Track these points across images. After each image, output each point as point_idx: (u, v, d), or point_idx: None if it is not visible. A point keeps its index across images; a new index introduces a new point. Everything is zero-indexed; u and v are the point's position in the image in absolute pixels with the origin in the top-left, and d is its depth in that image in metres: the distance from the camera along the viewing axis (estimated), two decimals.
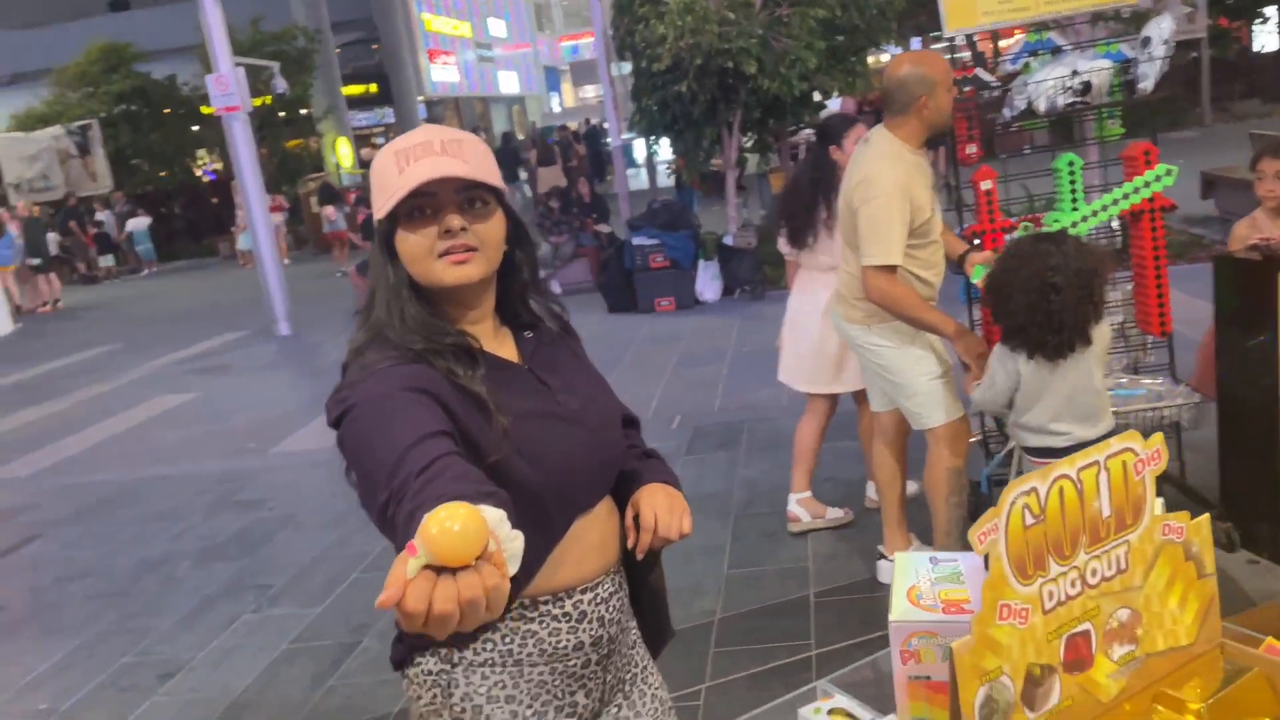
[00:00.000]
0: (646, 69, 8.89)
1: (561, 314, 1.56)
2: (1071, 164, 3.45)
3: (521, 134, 27.73)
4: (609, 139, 12.34)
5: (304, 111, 20.61)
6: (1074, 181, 3.47)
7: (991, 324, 3.45)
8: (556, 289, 10.39)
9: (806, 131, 12.43)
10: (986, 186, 3.56)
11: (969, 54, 3.97)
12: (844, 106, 10.64)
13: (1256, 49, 21.40)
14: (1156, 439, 0.93)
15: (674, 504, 1.45)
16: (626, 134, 11.46)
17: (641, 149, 16.45)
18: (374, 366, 1.32)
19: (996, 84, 3.67)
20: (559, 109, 34.81)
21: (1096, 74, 3.39)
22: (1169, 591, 0.96)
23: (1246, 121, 15.21)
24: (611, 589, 1.47)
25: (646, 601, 1.59)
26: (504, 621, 1.39)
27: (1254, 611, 1.87)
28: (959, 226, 3.81)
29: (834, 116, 4.39)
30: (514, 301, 1.48)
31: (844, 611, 3.43)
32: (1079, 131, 4.45)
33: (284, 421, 6.92)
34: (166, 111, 20.17)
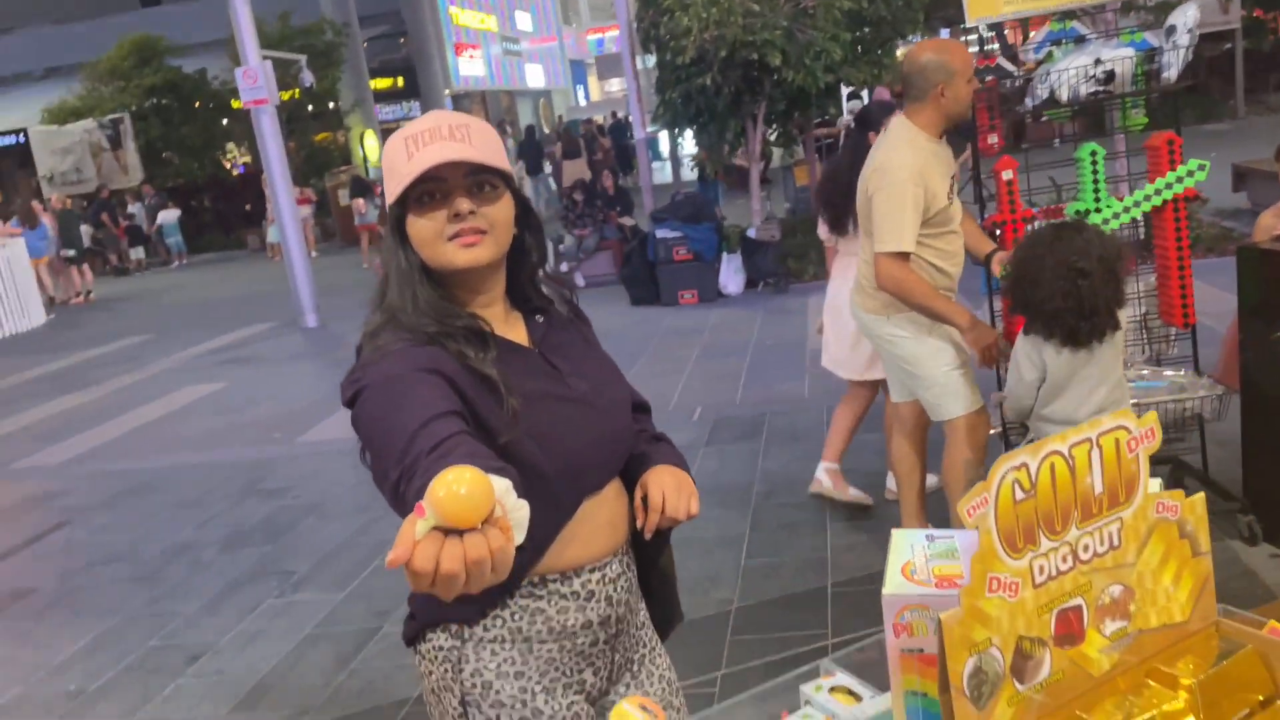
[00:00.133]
0: (671, 61, 8.87)
1: (571, 298, 1.58)
2: (1094, 154, 3.42)
3: (547, 127, 27.78)
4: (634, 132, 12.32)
5: (332, 105, 20.76)
6: (1096, 171, 3.45)
7: (1011, 316, 3.44)
8: (580, 282, 10.42)
9: (846, 118, 12.37)
10: (1008, 176, 3.54)
11: (998, 44, 3.95)
12: (878, 95, 10.58)
13: None
14: (1150, 417, 0.93)
15: (682, 485, 1.46)
16: (651, 127, 11.45)
17: (666, 142, 16.43)
18: (387, 348, 1.35)
19: (1018, 73, 3.65)
20: (585, 102, 34.82)
21: (1119, 63, 3.37)
22: (1163, 569, 0.97)
23: None
24: (620, 569, 1.49)
25: (655, 584, 1.61)
26: (513, 599, 1.41)
27: (1275, 605, 1.86)
28: (981, 217, 3.79)
29: (873, 103, 4.41)
30: (524, 285, 1.50)
31: (861, 602, 3.44)
32: (1110, 122, 4.42)
33: (309, 412, 7.00)
34: (197, 105, 20.37)
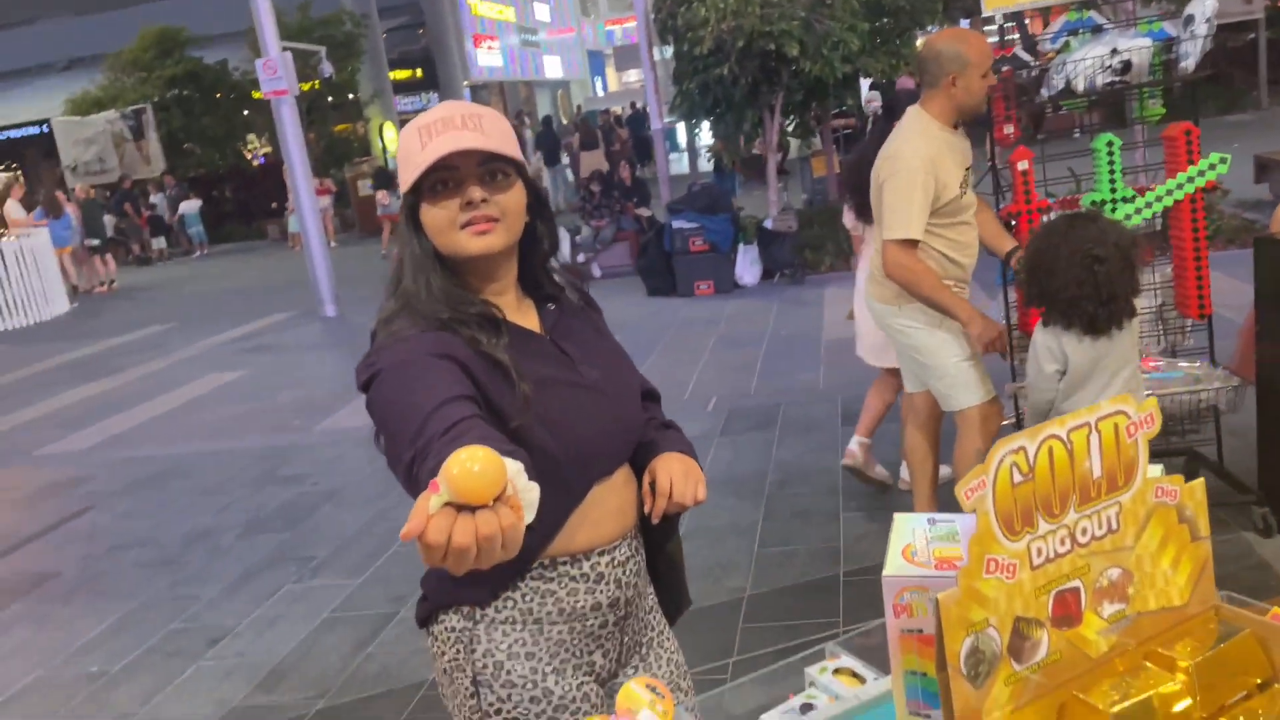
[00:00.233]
0: (688, 52, 8.87)
1: (583, 287, 1.60)
2: (1110, 144, 3.41)
3: (565, 118, 27.77)
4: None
5: (351, 96, 20.83)
6: (1113, 162, 3.44)
7: (1025, 308, 3.43)
8: (596, 273, 10.44)
9: (875, 104, 12.31)
10: (1023, 167, 3.53)
11: (1019, 34, 3.94)
12: (901, 84, 10.52)
13: None
14: (1150, 403, 0.95)
15: (689, 472, 1.48)
16: (668, 118, 11.44)
17: (683, 133, 16.40)
18: (402, 334, 1.38)
19: (1034, 63, 3.64)
20: (602, 93, 34.79)
21: (1137, 53, 3.35)
22: (1161, 553, 0.98)
23: None
24: (628, 553, 1.51)
25: (664, 570, 1.63)
26: (524, 581, 1.44)
27: None
28: (997, 208, 3.78)
29: (901, 92, 4.41)
30: (536, 272, 1.52)
31: (872, 591, 3.40)
32: (1129, 112, 4.39)
33: (328, 400, 7.06)
34: (217, 96, 20.49)
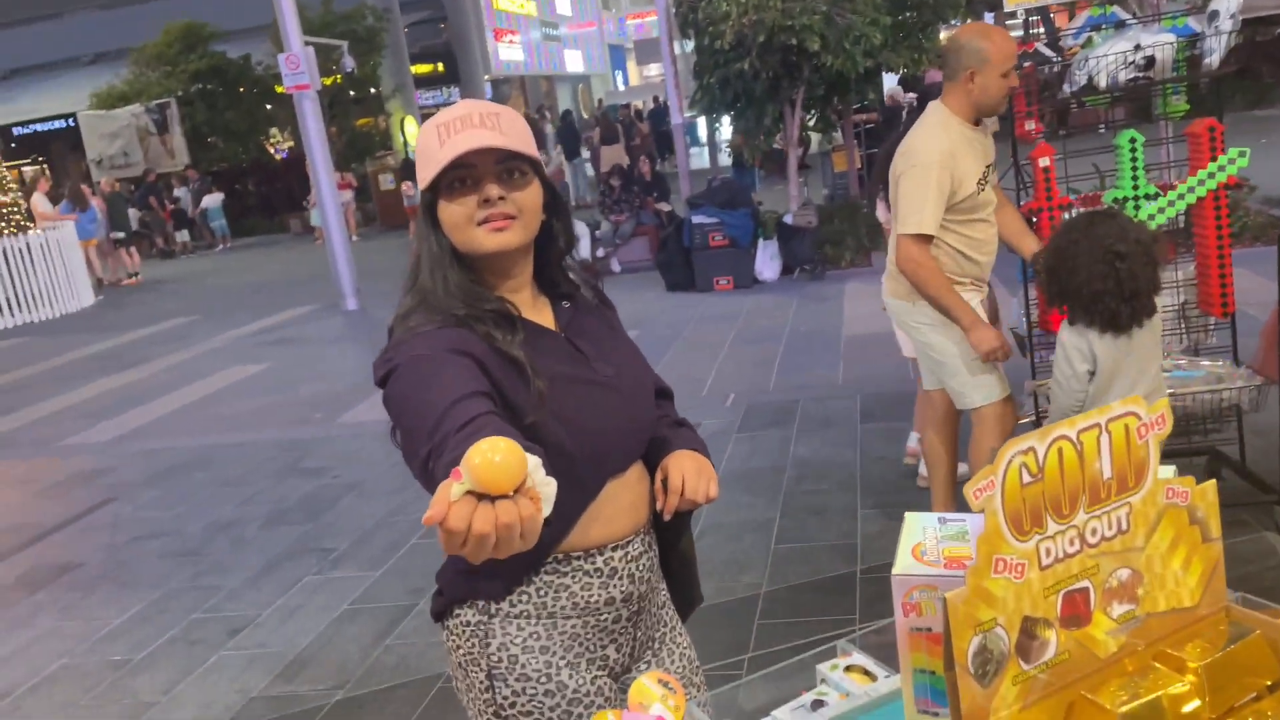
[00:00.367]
0: (709, 46, 8.84)
1: (598, 285, 1.61)
2: (1133, 140, 3.39)
3: (586, 113, 27.78)
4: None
5: (373, 90, 20.92)
6: (1135, 159, 3.41)
7: (1047, 306, 3.41)
8: (616, 267, 10.45)
9: (905, 97, 12.27)
10: (1045, 164, 3.51)
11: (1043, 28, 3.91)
12: (930, 77, 10.48)
13: None
14: (1161, 404, 0.95)
15: (702, 469, 1.50)
16: (688, 112, 11.43)
17: (704, 128, 16.36)
18: (418, 329, 1.39)
19: (1056, 59, 3.61)
20: (623, 87, 34.77)
21: (1160, 49, 3.32)
22: (1172, 554, 0.98)
23: None
24: (641, 549, 1.52)
25: (676, 566, 1.64)
26: (538, 575, 1.45)
27: None
28: (1018, 204, 3.76)
29: (934, 85, 4.41)
30: (552, 270, 1.54)
31: (890, 589, 3.44)
32: (1154, 108, 4.34)
33: (349, 393, 7.11)
34: (241, 90, 20.64)
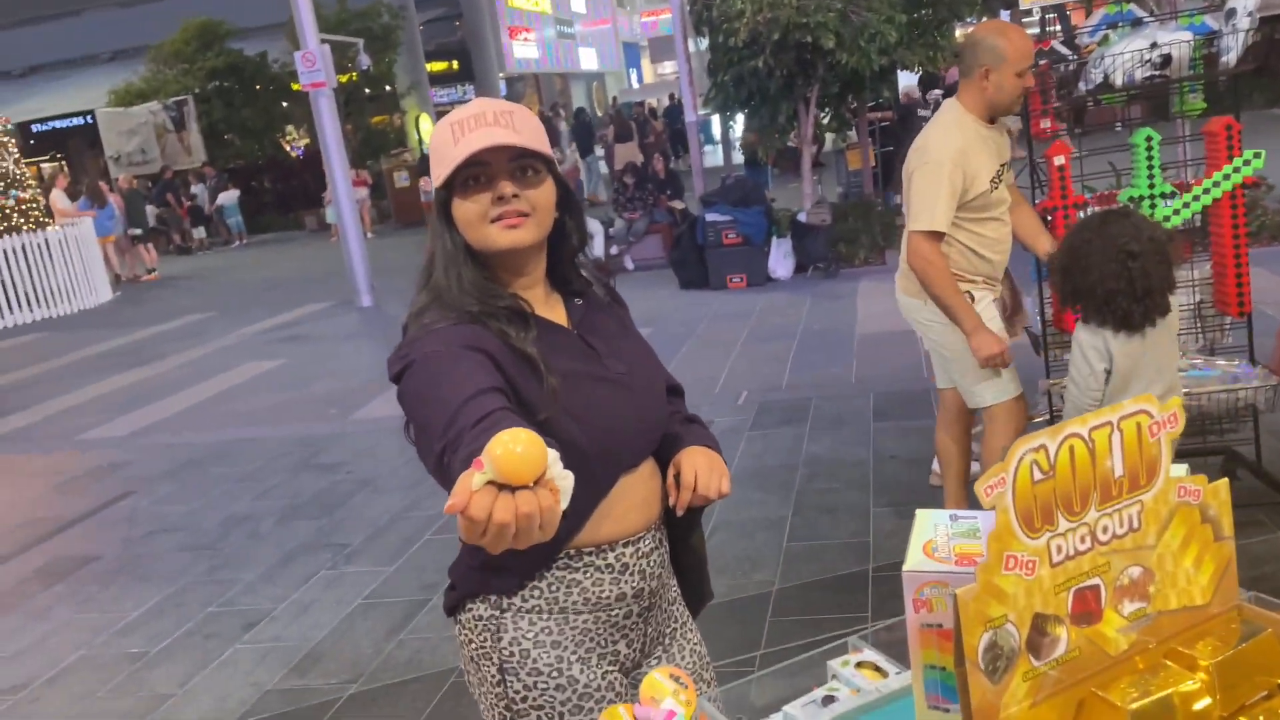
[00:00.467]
0: (723, 44, 8.84)
1: (610, 283, 1.62)
2: (1149, 139, 3.37)
3: (600, 110, 27.78)
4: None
5: (388, 88, 20.99)
6: (1151, 157, 3.39)
7: (1061, 306, 3.40)
8: (629, 265, 10.45)
9: (936, 92, 12.21)
10: (1059, 162, 3.50)
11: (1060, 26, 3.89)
12: (950, 76, 10.42)
13: None
14: (1174, 402, 0.95)
15: (714, 465, 1.50)
16: (702, 110, 11.41)
17: (718, 125, 16.33)
18: (432, 326, 1.40)
19: (1071, 57, 3.59)
20: (638, 85, 34.76)
21: (1177, 47, 3.30)
22: (1184, 552, 0.98)
23: None
24: (652, 545, 1.53)
25: (687, 563, 1.65)
26: (550, 571, 1.46)
27: None
28: (1033, 203, 3.75)
29: (955, 83, 4.40)
30: (565, 268, 1.54)
31: (902, 586, 3.44)
32: (1171, 107, 4.32)
33: (363, 389, 7.14)
34: (257, 88, 20.74)
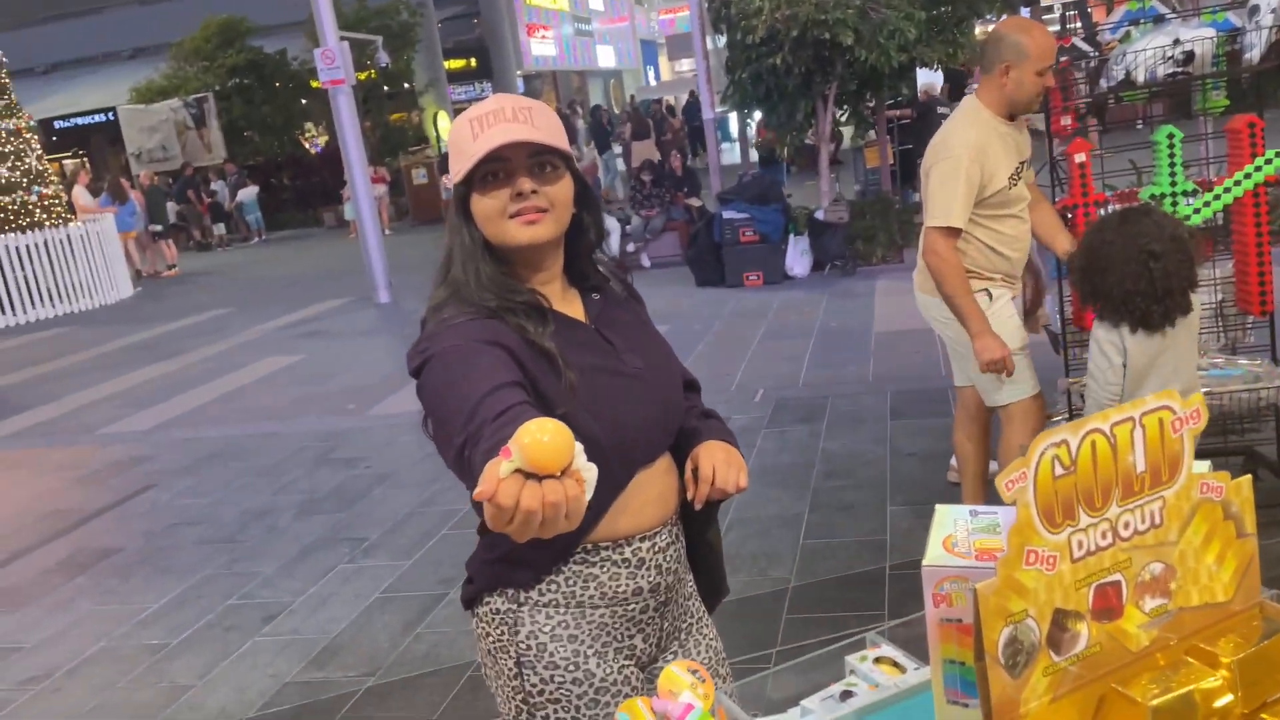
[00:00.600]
0: (741, 41, 8.82)
1: (626, 278, 1.62)
2: (1171, 136, 3.34)
3: (617, 108, 27.79)
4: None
5: (406, 85, 21.05)
6: (1173, 155, 3.37)
7: (1080, 305, 3.37)
8: (646, 263, 10.45)
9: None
10: (1080, 159, 3.47)
11: (1080, 23, 3.86)
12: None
13: None
14: (1196, 398, 0.94)
15: (731, 459, 1.50)
16: (720, 108, 11.40)
17: (736, 123, 16.30)
18: (451, 321, 1.41)
19: (1094, 54, 3.57)
20: (655, 82, 34.74)
21: (1199, 43, 3.27)
22: (1206, 548, 0.98)
23: None
24: (669, 540, 1.53)
25: (703, 558, 1.65)
26: (567, 565, 1.47)
27: None
28: (1053, 200, 3.73)
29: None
30: (582, 263, 1.55)
31: (919, 584, 3.41)
32: (1193, 104, 4.28)
33: (382, 385, 7.18)
34: (277, 85, 20.84)
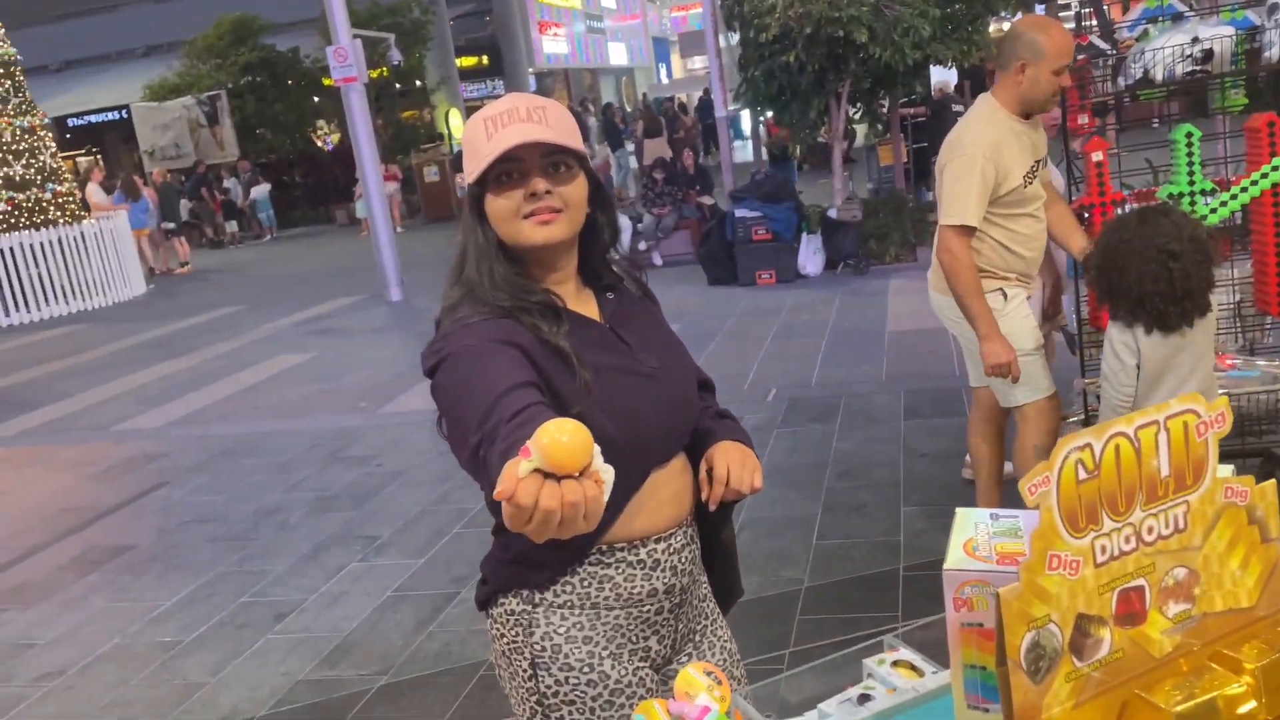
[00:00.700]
0: (754, 39, 8.79)
1: (640, 277, 1.62)
2: (1189, 135, 3.31)
3: (629, 106, 27.78)
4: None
5: (418, 83, 21.09)
6: (1191, 154, 3.34)
7: (1097, 305, 3.35)
8: (658, 261, 10.44)
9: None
10: (1098, 158, 3.45)
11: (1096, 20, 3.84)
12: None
13: None
14: (1221, 402, 0.93)
15: (746, 460, 1.49)
16: (732, 105, 11.37)
17: (748, 120, 16.29)
18: (466, 320, 1.40)
19: (1111, 52, 3.54)
20: (667, 80, 34.72)
21: (1218, 41, 3.24)
22: (1230, 554, 0.96)
23: None
24: (684, 540, 1.52)
25: (718, 558, 1.64)
26: (582, 566, 1.46)
27: None
28: (1070, 199, 3.70)
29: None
30: (596, 262, 1.54)
31: (933, 586, 3.37)
32: (1211, 103, 4.24)
33: (393, 383, 7.19)
34: (289, 83, 20.91)
